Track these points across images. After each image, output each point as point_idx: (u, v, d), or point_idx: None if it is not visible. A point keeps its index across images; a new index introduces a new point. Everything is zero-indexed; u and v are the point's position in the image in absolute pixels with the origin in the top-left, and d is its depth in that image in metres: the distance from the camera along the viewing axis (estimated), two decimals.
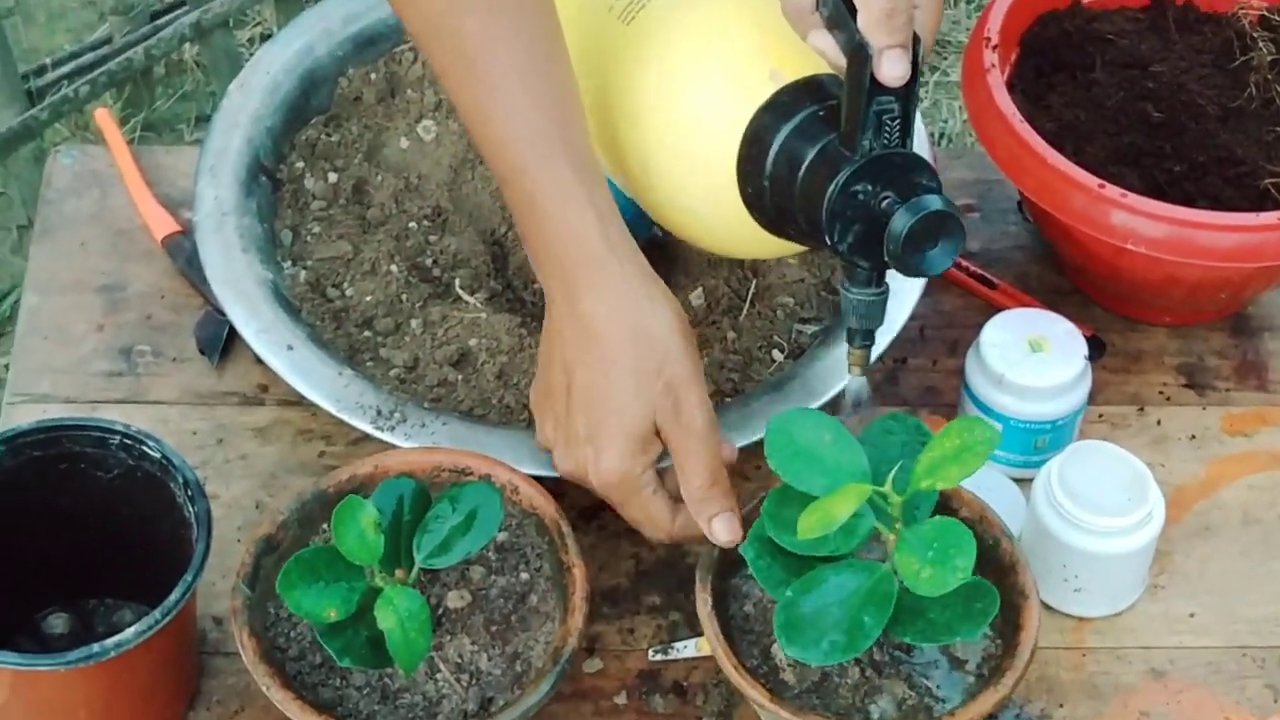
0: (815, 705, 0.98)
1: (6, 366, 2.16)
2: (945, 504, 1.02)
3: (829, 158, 0.97)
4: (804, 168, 0.98)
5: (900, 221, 0.94)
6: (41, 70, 2.34)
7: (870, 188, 0.95)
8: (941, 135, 2.40)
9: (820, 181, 0.96)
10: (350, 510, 0.96)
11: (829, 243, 0.97)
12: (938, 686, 0.99)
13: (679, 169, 1.06)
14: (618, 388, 1.02)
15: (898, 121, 0.95)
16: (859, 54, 0.94)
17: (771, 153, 1.00)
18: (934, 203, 0.94)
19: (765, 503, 0.97)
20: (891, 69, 0.93)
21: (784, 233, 1.03)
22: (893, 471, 0.95)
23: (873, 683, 0.99)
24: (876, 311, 1.00)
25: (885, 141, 0.95)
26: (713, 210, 1.06)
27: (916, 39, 0.95)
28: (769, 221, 1.03)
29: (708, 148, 1.03)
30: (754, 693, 0.97)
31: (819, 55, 0.98)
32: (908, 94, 0.95)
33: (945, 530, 0.93)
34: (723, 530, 1.01)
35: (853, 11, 0.94)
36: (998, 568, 1.01)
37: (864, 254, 0.97)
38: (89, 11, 2.62)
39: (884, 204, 0.95)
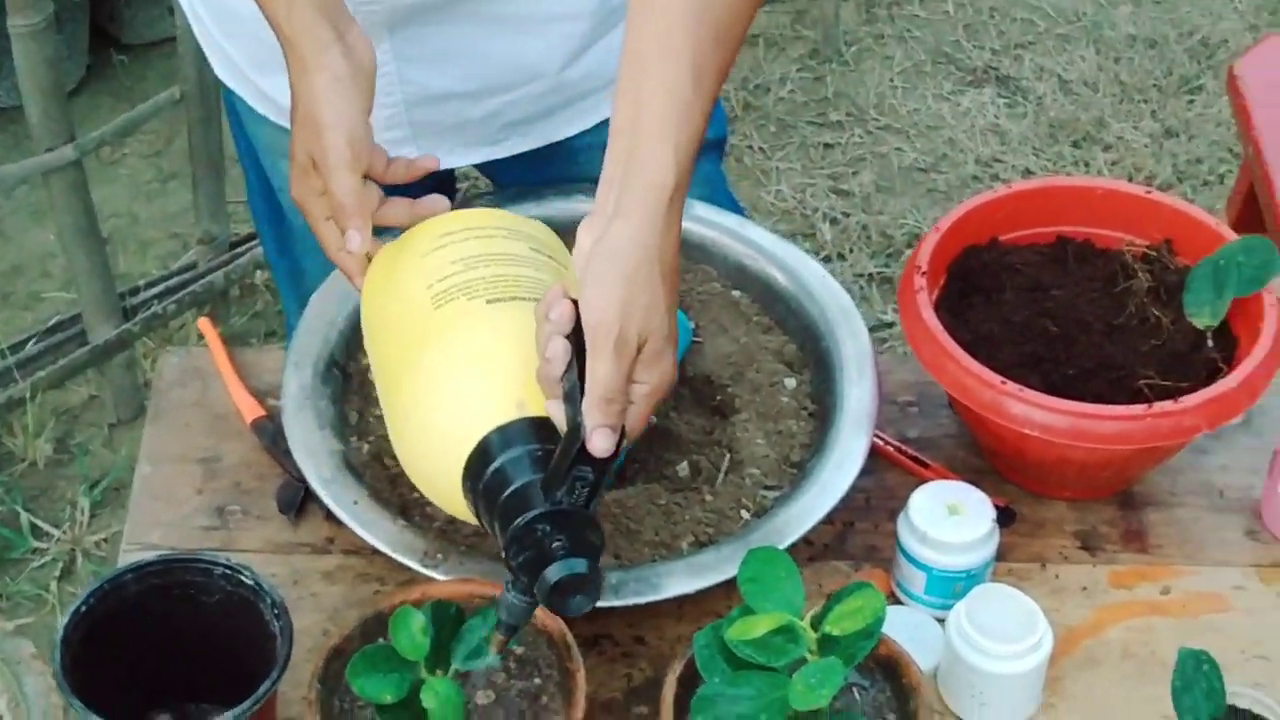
0: None
1: (106, 542, 2.41)
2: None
3: (527, 494, 1.16)
4: (509, 491, 1.17)
5: (553, 573, 1.14)
6: (135, 290, 2.57)
7: (549, 529, 1.14)
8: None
9: (515, 507, 1.15)
10: (405, 616, 1.22)
11: (504, 556, 1.16)
12: None
13: (425, 437, 1.26)
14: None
15: (588, 488, 1.15)
16: (576, 428, 1.14)
17: (491, 466, 1.18)
18: (581, 566, 1.14)
19: (733, 611, 1.21)
20: (598, 443, 1.14)
21: (480, 522, 1.22)
22: (810, 612, 1.20)
23: None
24: (524, 616, 1.18)
25: (573, 500, 1.15)
26: (439, 478, 1.25)
27: (624, 430, 1.17)
28: (473, 510, 1.23)
29: (451, 434, 1.22)
30: None
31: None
32: (604, 467, 1.15)
33: (827, 668, 1.16)
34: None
35: (584, 393, 1.15)
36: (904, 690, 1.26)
37: (528, 573, 1.15)
38: (174, 242, 2.88)
39: (554, 545, 1.14)
